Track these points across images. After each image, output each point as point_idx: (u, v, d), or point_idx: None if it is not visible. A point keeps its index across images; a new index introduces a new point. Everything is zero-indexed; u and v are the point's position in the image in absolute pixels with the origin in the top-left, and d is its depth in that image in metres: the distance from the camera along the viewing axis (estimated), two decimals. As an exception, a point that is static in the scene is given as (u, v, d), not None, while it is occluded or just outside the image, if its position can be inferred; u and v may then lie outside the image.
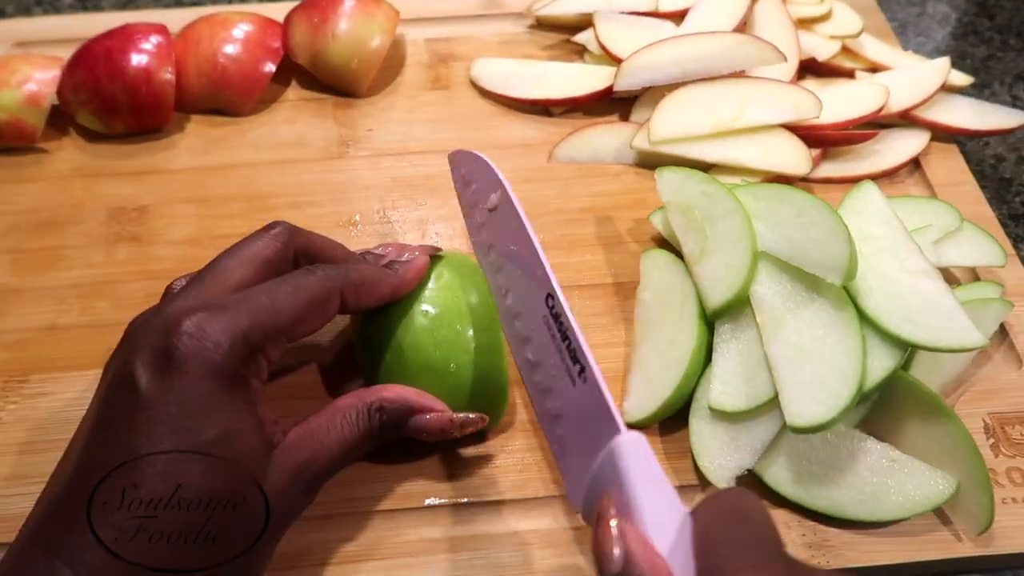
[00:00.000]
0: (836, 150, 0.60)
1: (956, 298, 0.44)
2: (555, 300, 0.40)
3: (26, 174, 0.60)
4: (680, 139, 0.58)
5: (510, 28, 0.71)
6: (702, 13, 0.65)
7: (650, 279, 0.51)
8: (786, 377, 0.42)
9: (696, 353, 0.45)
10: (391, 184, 0.60)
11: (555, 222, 0.57)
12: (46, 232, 0.57)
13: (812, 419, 0.40)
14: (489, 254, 0.47)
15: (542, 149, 0.62)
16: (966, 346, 0.43)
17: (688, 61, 0.60)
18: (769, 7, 0.66)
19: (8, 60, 0.61)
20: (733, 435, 0.43)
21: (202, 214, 0.58)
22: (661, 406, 0.45)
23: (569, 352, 0.39)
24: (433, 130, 0.63)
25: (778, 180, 0.57)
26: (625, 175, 0.60)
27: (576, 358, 0.38)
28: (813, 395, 0.41)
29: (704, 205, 0.49)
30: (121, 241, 0.56)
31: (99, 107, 0.59)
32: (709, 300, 0.47)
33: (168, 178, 0.60)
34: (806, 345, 0.43)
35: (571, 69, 0.65)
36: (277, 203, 0.58)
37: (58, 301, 0.53)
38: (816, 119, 0.58)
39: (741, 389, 0.43)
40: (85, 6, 0.78)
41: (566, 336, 0.39)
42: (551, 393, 0.41)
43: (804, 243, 0.46)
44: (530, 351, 0.42)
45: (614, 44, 0.64)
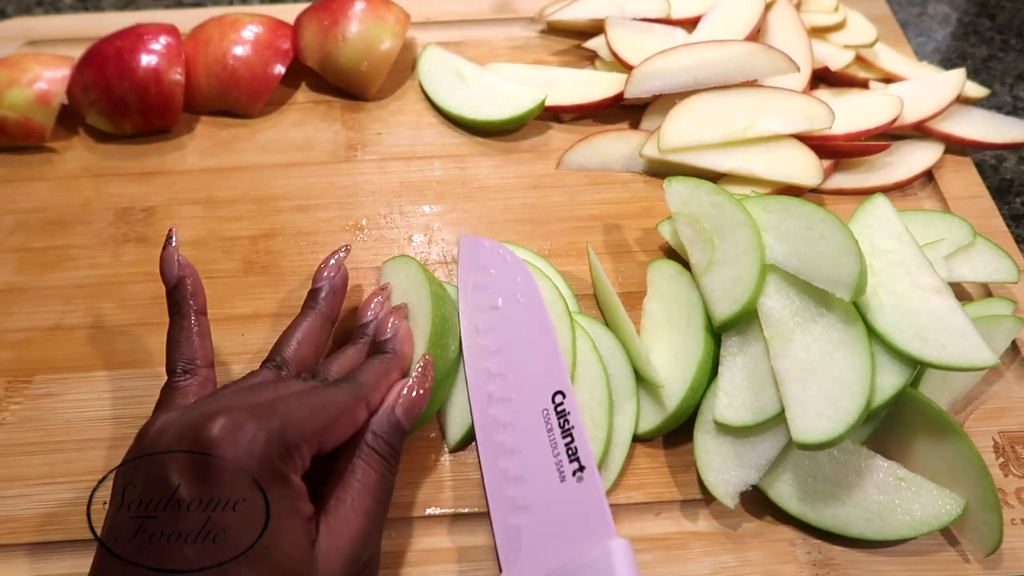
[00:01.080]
0: (848, 161, 0.59)
1: (967, 315, 0.44)
2: (566, 398, 0.42)
3: (35, 173, 0.60)
4: (690, 148, 0.58)
5: (521, 33, 0.70)
6: (715, 20, 0.64)
7: (657, 289, 0.51)
8: (793, 392, 0.42)
9: (702, 365, 0.45)
10: (399, 188, 0.59)
11: (563, 229, 0.57)
12: (53, 231, 0.57)
13: (819, 436, 0.40)
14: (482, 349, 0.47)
15: (551, 155, 0.61)
16: (976, 365, 0.42)
17: (700, 69, 0.60)
18: (783, 15, 0.65)
19: (20, 59, 0.61)
20: (738, 450, 0.43)
21: (210, 216, 0.57)
22: (666, 418, 0.45)
23: (568, 450, 0.41)
24: (441, 134, 0.63)
25: (789, 191, 0.57)
26: (634, 183, 0.60)
27: (577, 457, 0.40)
28: (820, 411, 0.40)
29: (713, 216, 0.49)
30: (128, 242, 0.56)
31: (108, 107, 0.59)
32: (716, 312, 0.46)
33: (176, 179, 0.60)
34: (814, 360, 0.42)
35: (581, 75, 0.64)
36: (284, 206, 0.58)
37: (64, 301, 0.53)
38: (828, 130, 0.58)
39: (747, 403, 0.43)
40: (86, 6, 0.78)
41: (569, 434, 0.41)
42: (523, 483, 0.41)
43: (814, 257, 0.45)
44: (507, 436, 0.43)
45: (625, 51, 0.63)
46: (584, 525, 0.38)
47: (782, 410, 0.42)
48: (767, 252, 0.47)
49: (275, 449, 0.34)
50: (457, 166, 0.61)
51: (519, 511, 0.41)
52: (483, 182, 0.60)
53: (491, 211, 0.58)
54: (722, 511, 0.44)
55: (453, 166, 0.61)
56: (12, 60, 0.61)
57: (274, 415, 0.35)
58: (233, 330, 0.51)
